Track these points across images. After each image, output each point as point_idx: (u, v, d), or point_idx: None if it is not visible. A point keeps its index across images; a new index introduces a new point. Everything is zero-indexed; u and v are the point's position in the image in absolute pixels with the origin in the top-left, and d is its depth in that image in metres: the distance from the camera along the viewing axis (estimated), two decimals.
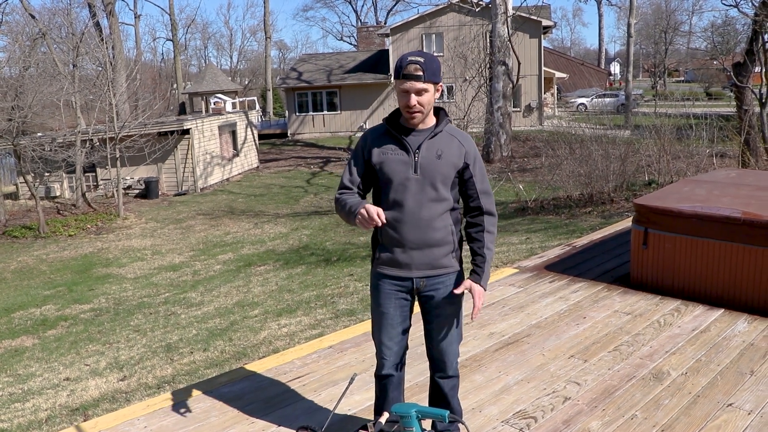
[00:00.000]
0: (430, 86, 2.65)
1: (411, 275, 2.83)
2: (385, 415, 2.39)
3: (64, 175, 20.59)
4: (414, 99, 2.64)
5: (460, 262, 2.93)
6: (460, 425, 3.09)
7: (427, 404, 3.19)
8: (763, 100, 13.75)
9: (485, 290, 2.81)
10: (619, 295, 5.42)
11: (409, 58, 2.63)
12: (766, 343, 4.36)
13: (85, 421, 5.00)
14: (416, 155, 2.72)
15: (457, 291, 2.79)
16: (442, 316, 2.88)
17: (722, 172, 6.92)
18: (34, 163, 18.35)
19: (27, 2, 30.00)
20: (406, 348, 3.01)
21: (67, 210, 18.97)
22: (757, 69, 14.32)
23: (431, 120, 2.78)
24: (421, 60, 2.62)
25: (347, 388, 2.32)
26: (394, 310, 2.89)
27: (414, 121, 2.72)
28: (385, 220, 2.65)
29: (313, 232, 14.71)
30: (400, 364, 3.00)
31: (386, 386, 3.02)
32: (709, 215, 5.07)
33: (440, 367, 2.96)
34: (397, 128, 2.79)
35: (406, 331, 2.96)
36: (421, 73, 2.61)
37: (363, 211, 2.62)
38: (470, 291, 2.78)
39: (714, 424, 3.39)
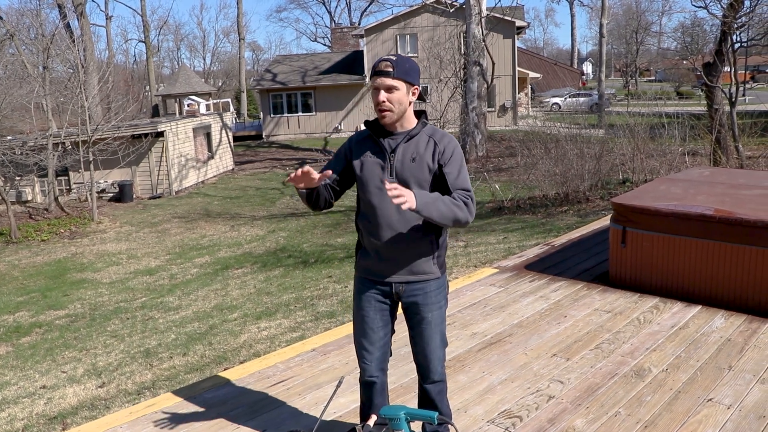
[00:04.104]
0: (400, 84, 2.62)
1: (390, 280, 2.80)
2: (373, 418, 2.38)
3: (35, 179, 20.24)
4: (383, 95, 2.61)
5: (443, 268, 2.86)
6: (450, 426, 3.10)
7: (414, 406, 3.19)
8: (733, 99, 14.00)
9: (415, 202, 2.40)
10: (598, 294, 5.48)
11: (382, 57, 2.65)
12: (743, 338, 4.44)
13: (64, 429, 4.94)
14: (392, 159, 2.69)
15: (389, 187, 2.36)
16: (425, 321, 2.83)
17: (696, 171, 7.03)
18: (4, 166, 18.01)
19: None
20: (389, 354, 2.97)
21: (39, 214, 18.66)
22: (726, 69, 14.58)
23: (410, 123, 2.73)
24: (393, 58, 2.62)
25: (335, 392, 2.31)
26: (374, 314, 2.85)
27: (385, 120, 2.67)
28: (307, 171, 2.54)
29: (290, 234, 14.65)
30: (383, 370, 2.96)
31: (370, 391, 2.98)
32: (685, 213, 5.15)
33: (425, 373, 2.92)
34: (377, 132, 2.76)
35: (387, 336, 2.92)
36: (390, 69, 2.59)
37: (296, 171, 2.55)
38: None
39: (695, 419, 3.44)
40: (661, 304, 5.15)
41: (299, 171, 2.53)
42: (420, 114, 2.79)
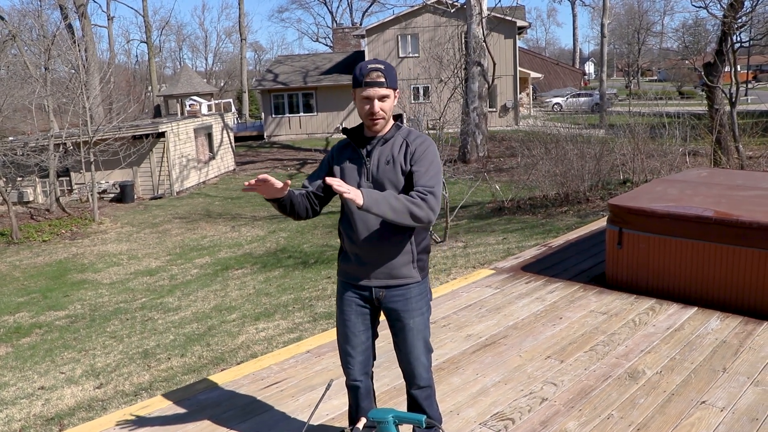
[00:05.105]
0: (391, 92, 2.67)
1: (369, 284, 2.80)
2: (363, 421, 2.39)
3: (37, 179, 20.29)
4: (378, 105, 2.65)
5: (424, 272, 2.84)
6: (438, 430, 3.10)
7: (403, 410, 3.19)
8: (733, 100, 13.98)
9: (362, 199, 2.38)
10: (594, 295, 5.47)
11: (370, 66, 2.64)
12: (738, 340, 4.43)
13: (60, 430, 4.95)
14: (367, 163, 2.73)
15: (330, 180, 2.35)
16: (407, 329, 2.82)
17: (694, 172, 7.02)
18: (5, 167, 18.05)
19: None
20: (373, 358, 2.98)
21: (40, 215, 18.70)
22: (727, 69, 14.55)
23: (388, 127, 2.77)
24: (382, 67, 2.64)
25: (323, 395, 2.32)
26: (355, 318, 2.86)
27: (377, 127, 2.71)
28: (265, 179, 2.47)
29: (290, 234, 14.67)
30: (366, 373, 2.97)
31: (355, 395, 2.99)
32: (681, 215, 5.15)
33: (411, 379, 2.92)
34: (356, 138, 2.80)
35: (369, 340, 2.92)
36: (383, 79, 2.62)
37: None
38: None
39: (688, 421, 3.44)
40: (657, 306, 5.14)
41: (255, 179, 2.50)
42: (395, 117, 2.81)
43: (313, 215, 2.84)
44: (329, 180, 2.35)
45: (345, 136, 2.84)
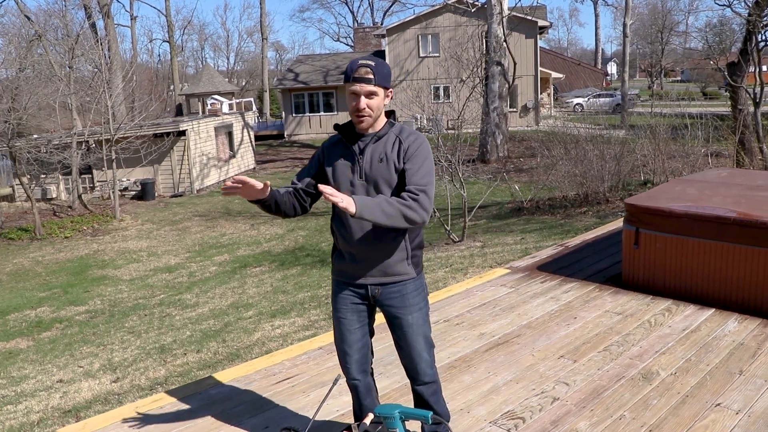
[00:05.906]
0: (379, 90, 2.63)
1: (365, 282, 2.78)
2: (370, 416, 2.40)
3: (60, 176, 20.58)
4: (363, 102, 2.61)
5: (419, 268, 2.83)
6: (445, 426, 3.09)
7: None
8: (757, 100, 13.78)
9: (355, 207, 2.37)
10: (610, 295, 5.43)
11: (360, 62, 2.62)
12: (756, 342, 4.37)
13: (76, 423, 5.00)
14: (360, 160, 2.69)
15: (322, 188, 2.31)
16: (406, 325, 2.80)
17: (713, 172, 6.93)
18: (29, 165, 18.33)
19: (22, 4, 29.99)
20: (371, 355, 2.97)
21: (63, 212, 18.95)
22: (751, 69, 14.34)
23: (380, 124, 2.73)
24: (372, 64, 2.61)
25: (330, 391, 2.33)
26: (351, 316, 2.84)
27: (362, 125, 2.67)
28: (242, 180, 2.55)
29: (308, 233, 14.71)
30: (365, 371, 2.96)
31: (356, 393, 2.99)
32: (700, 215, 5.08)
33: (414, 375, 2.91)
34: (347, 135, 2.76)
35: (366, 338, 2.92)
36: (371, 76, 2.59)
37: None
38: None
39: (702, 423, 3.39)
40: (674, 307, 5.08)
41: (231, 180, 2.51)
42: (388, 114, 2.78)
43: (301, 213, 2.83)
44: (321, 187, 2.32)
45: (342, 134, 2.81)
